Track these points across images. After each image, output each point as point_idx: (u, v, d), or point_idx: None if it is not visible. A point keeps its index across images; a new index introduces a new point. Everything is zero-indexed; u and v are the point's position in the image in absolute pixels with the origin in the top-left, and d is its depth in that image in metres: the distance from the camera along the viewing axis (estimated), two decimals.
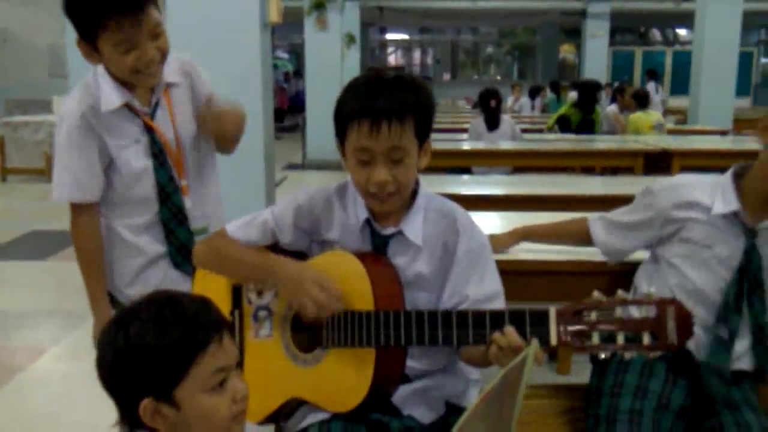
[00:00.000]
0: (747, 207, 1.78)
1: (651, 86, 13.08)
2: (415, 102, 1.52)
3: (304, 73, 12.02)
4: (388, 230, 1.61)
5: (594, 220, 2.05)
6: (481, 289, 1.59)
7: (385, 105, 1.48)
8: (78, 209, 1.94)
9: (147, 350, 1.17)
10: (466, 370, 1.72)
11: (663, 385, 1.81)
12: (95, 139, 1.88)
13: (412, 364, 1.62)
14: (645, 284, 1.91)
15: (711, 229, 1.80)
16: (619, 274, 2.07)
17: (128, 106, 1.89)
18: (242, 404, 1.25)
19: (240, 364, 1.71)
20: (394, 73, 1.57)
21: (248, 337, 1.73)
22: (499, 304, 1.60)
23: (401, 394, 1.63)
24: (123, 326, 1.20)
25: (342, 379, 1.58)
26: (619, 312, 1.30)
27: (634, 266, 2.03)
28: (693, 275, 1.83)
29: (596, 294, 1.32)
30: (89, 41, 1.78)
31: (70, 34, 1.84)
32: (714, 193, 1.82)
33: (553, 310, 1.37)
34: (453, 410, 1.66)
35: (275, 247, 1.69)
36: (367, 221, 1.62)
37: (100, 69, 1.88)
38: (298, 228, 1.67)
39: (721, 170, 1.89)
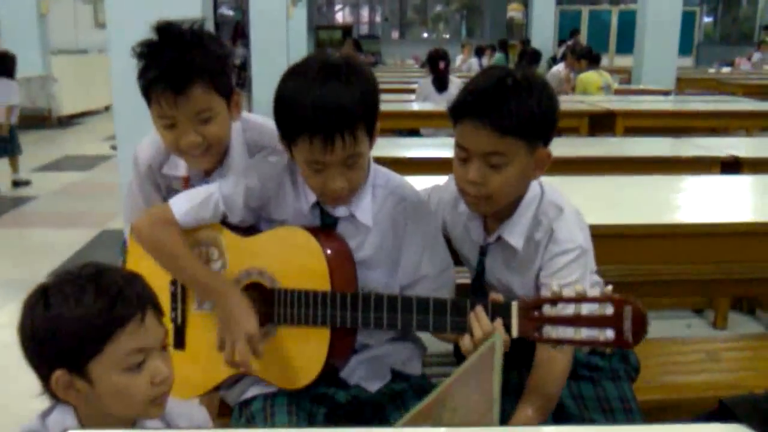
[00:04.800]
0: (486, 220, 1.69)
1: None
2: (363, 102, 1.46)
3: (248, 31, 11.73)
4: (339, 211, 1.59)
5: None
6: (435, 265, 1.62)
7: (337, 118, 1.41)
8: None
9: (62, 322, 1.17)
10: (411, 339, 1.73)
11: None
12: (157, 187, 1.86)
13: (360, 338, 1.62)
14: None
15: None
16: None
17: (187, 179, 1.82)
18: (162, 387, 1.23)
19: (182, 344, 1.69)
20: (338, 66, 1.47)
21: (191, 309, 1.70)
22: (449, 275, 1.64)
23: (348, 366, 1.63)
24: (45, 296, 1.20)
25: (294, 356, 1.57)
26: (578, 307, 1.30)
27: None
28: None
29: (555, 288, 1.32)
30: (149, 106, 1.66)
31: None
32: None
33: (515, 304, 1.37)
34: (398, 377, 1.67)
35: (224, 222, 1.65)
36: (317, 202, 1.59)
37: None
38: (249, 208, 1.63)
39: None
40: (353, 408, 1.63)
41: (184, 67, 1.57)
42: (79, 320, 1.16)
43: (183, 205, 1.62)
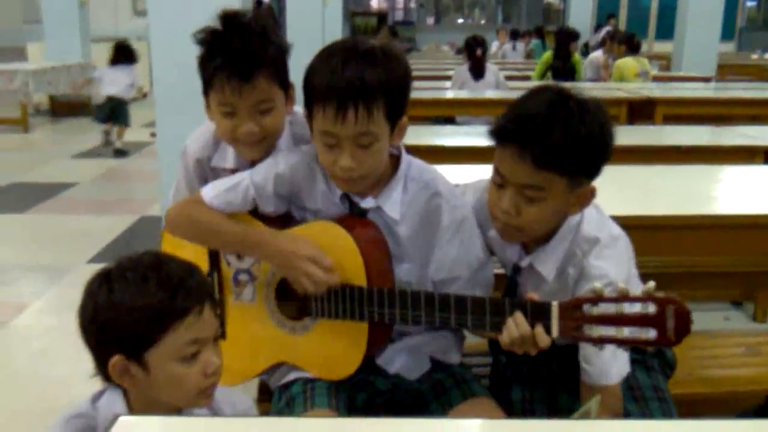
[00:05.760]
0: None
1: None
2: (386, 80, 1.41)
3: (284, 20, 11.77)
4: (367, 203, 1.57)
5: None
6: (470, 264, 1.59)
7: (352, 87, 1.38)
8: None
9: (124, 309, 1.19)
10: (450, 328, 1.70)
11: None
12: (205, 182, 1.82)
13: (398, 326, 1.61)
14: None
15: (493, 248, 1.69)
16: None
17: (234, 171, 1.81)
18: (212, 378, 1.26)
19: (222, 333, 1.71)
20: (367, 44, 1.46)
21: (229, 300, 1.72)
22: (485, 273, 1.61)
23: (386, 354, 1.64)
24: (107, 281, 1.22)
25: (334, 349, 1.57)
26: (619, 306, 1.28)
27: None
28: None
29: (597, 286, 1.29)
30: (206, 94, 1.68)
31: None
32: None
33: (555, 304, 1.33)
34: (438, 366, 1.67)
35: (255, 212, 1.65)
36: (345, 193, 1.58)
37: None
38: (279, 196, 1.62)
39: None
40: (393, 396, 1.64)
41: (251, 57, 1.58)
42: (140, 309, 1.19)
43: (213, 190, 1.63)
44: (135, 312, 1.19)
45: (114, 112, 7.71)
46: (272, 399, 1.68)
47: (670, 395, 1.66)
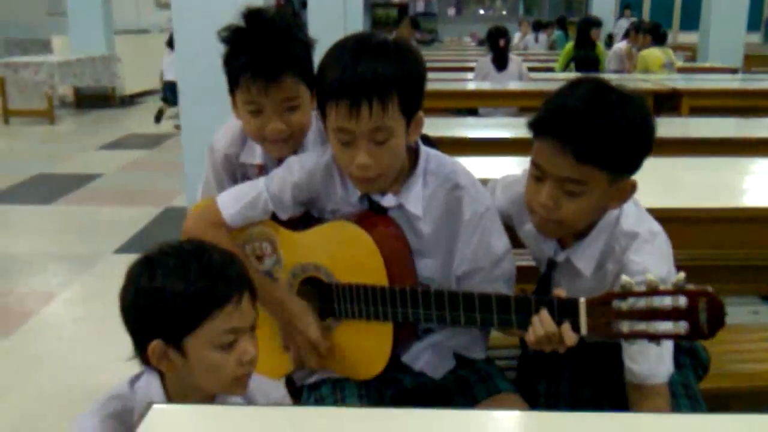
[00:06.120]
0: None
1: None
2: (399, 75, 1.39)
3: (305, 14, 11.77)
4: (387, 201, 1.54)
5: None
6: (492, 256, 1.56)
7: (366, 81, 1.36)
8: None
9: (165, 296, 1.21)
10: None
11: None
12: (233, 176, 1.85)
13: (423, 324, 1.61)
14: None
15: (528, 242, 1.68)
16: None
17: (262, 167, 1.81)
18: (248, 368, 1.28)
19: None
20: (379, 38, 1.44)
21: None
22: (507, 264, 1.59)
23: (411, 351, 1.63)
24: (149, 267, 1.24)
25: (359, 348, 1.58)
26: (649, 301, 1.25)
27: None
28: None
29: (625, 279, 1.26)
30: (232, 93, 1.68)
31: None
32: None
33: (582, 300, 1.31)
34: (462, 362, 1.66)
35: (275, 218, 1.63)
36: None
37: None
38: (297, 203, 1.61)
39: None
40: (419, 393, 1.64)
41: (277, 55, 1.56)
42: (181, 296, 1.21)
43: (231, 206, 1.61)
44: (175, 298, 1.21)
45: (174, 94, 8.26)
46: (300, 397, 1.68)
47: (700, 395, 1.63)
